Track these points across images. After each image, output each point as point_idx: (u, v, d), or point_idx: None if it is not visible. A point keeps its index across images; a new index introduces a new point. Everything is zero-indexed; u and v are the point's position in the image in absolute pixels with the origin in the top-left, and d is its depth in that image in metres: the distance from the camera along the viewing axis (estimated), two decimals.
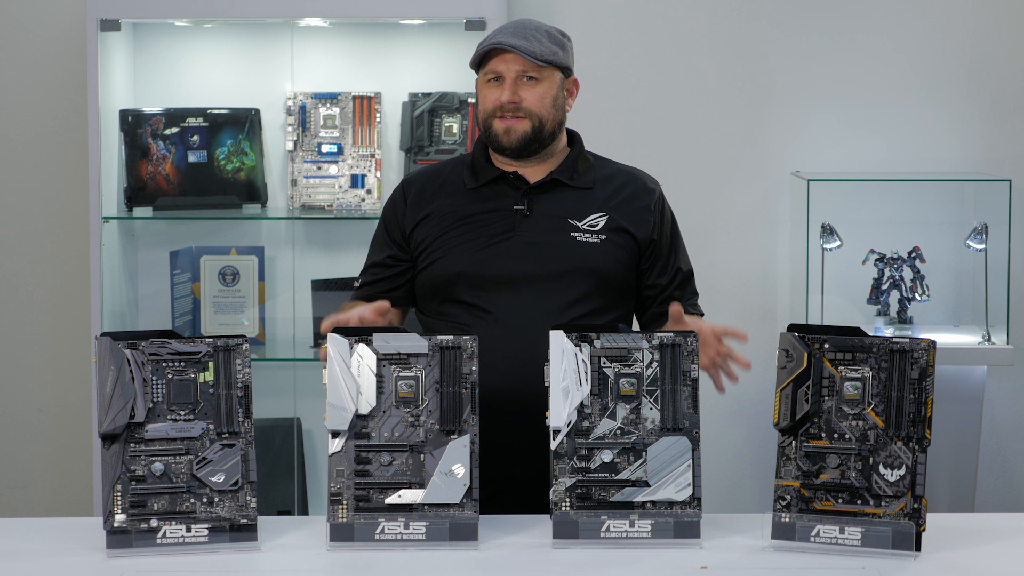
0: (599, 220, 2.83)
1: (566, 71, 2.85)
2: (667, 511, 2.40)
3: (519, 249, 2.79)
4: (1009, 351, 3.98)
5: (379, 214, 3.05)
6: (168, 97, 4.16)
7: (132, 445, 2.38)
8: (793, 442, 2.39)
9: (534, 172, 2.86)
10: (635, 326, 2.93)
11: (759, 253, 4.27)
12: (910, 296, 4.08)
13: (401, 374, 2.43)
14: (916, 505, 2.34)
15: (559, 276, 2.78)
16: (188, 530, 2.38)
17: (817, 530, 2.37)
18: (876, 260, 4.09)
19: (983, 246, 4.02)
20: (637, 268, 2.86)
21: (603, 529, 2.40)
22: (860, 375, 2.38)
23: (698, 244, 4.28)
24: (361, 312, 2.63)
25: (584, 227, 2.82)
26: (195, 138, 4.09)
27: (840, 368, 2.39)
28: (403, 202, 2.89)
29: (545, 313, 2.72)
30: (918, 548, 2.34)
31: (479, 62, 2.84)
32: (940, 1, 4.21)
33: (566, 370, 2.42)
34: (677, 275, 2.89)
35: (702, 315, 2.95)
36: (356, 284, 2.95)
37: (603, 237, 2.81)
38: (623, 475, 2.41)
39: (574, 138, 2.94)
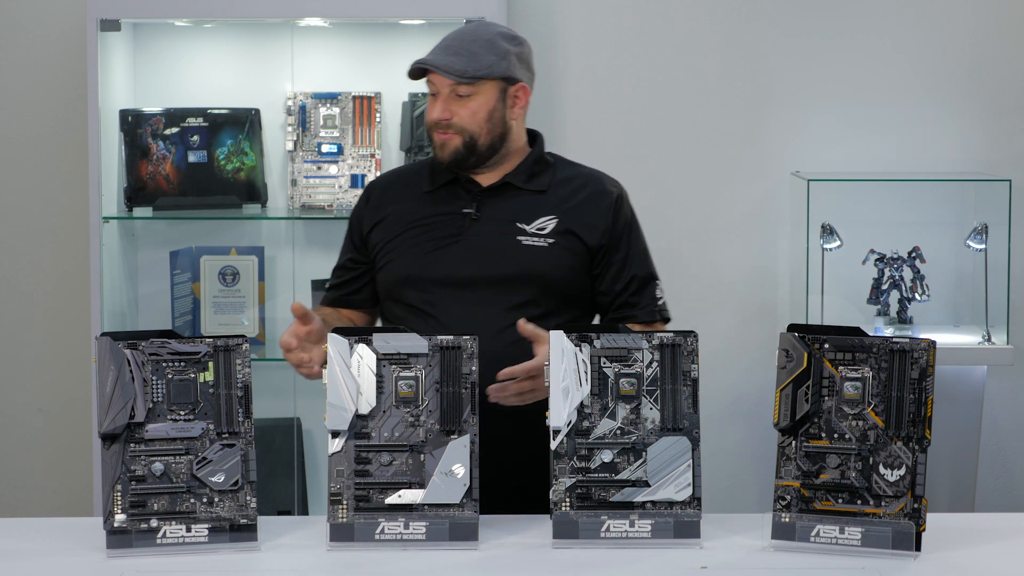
0: (548, 223, 2.82)
1: (509, 80, 2.83)
2: (667, 511, 2.40)
3: (465, 253, 2.80)
4: (1009, 351, 3.98)
5: None
6: (168, 97, 4.16)
7: (132, 445, 2.38)
8: (793, 442, 2.39)
9: (488, 176, 2.86)
10: None
11: (759, 253, 4.27)
12: (910, 296, 4.08)
13: (401, 374, 2.43)
14: (916, 505, 2.34)
15: (504, 280, 2.78)
16: (188, 530, 2.38)
17: (817, 530, 2.37)
18: (876, 260, 4.09)
19: (983, 246, 4.02)
20: (589, 273, 2.85)
21: (603, 529, 2.40)
22: (860, 375, 2.38)
23: (698, 244, 4.29)
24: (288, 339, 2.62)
25: (532, 231, 2.81)
26: (195, 138, 4.09)
27: (840, 368, 2.39)
28: (365, 204, 2.93)
29: (488, 317, 2.72)
30: (918, 548, 2.34)
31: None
32: (940, 1, 4.21)
33: (566, 370, 2.42)
34: (632, 281, 2.87)
35: (667, 320, 2.92)
36: (326, 286, 2.98)
37: (551, 241, 2.81)
38: (623, 475, 2.41)
39: (536, 140, 2.93)
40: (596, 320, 2.93)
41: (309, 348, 2.61)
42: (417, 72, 2.82)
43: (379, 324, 2.97)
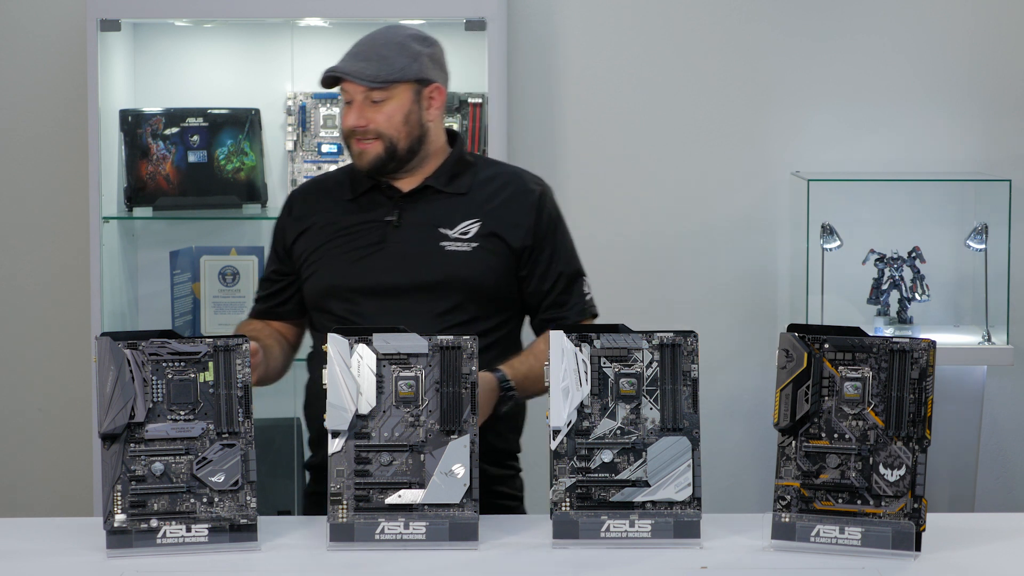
0: (471, 227, 2.81)
1: (423, 82, 2.82)
2: (667, 511, 2.40)
3: (389, 261, 2.79)
4: (1009, 351, 3.97)
5: None
6: (168, 97, 4.16)
7: (132, 445, 2.38)
8: (793, 442, 2.39)
9: (408, 181, 2.85)
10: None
11: (759, 253, 4.27)
12: (910, 296, 4.08)
13: (401, 374, 2.43)
14: (916, 505, 2.34)
15: (429, 287, 2.77)
16: (188, 530, 2.38)
17: (817, 530, 2.37)
18: (876, 260, 4.09)
19: (983, 246, 4.02)
20: (515, 275, 2.84)
21: (603, 529, 2.40)
22: (860, 375, 2.38)
23: (698, 244, 4.29)
24: None
25: (455, 235, 2.80)
26: (195, 138, 4.09)
27: (840, 368, 2.39)
28: (287, 216, 2.92)
29: (415, 325, 2.68)
30: (918, 548, 2.34)
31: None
32: (940, 1, 4.21)
33: (566, 370, 2.42)
34: (559, 279, 2.85)
35: (595, 316, 2.91)
36: (254, 299, 2.99)
37: (475, 245, 2.79)
38: (623, 475, 2.41)
39: (456, 140, 2.92)
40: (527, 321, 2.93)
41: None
42: (329, 81, 2.82)
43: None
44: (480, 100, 4.05)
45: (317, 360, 2.78)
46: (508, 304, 2.84)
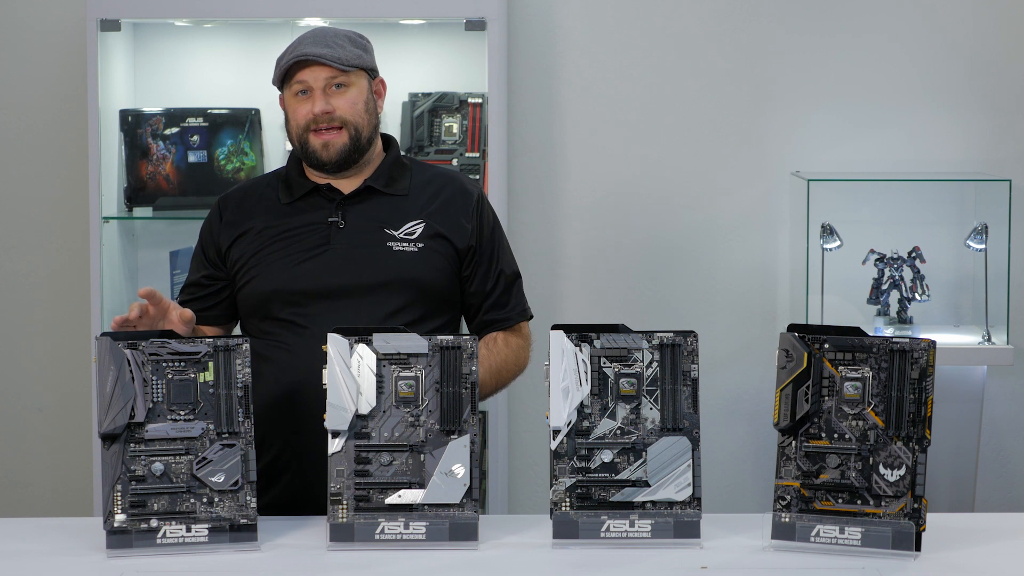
0: (416, 228, 2.80)
1: (372, 73, 2.84)
2: (667, 511, 2.40)
3: (334, 262, 2.77)
4: (1009, 351, 3.97)
5: None
6: (168, 97, 4.16)
7: (132, 445, 2.38)
8: (793, 442, 2.39)
9: (348, 182, 2.83)
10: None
11: (759, 253, 4.27)
12: (910, 296, 4.08)
13: (401, 374, 2.43)
14: (916, 505, 2.34)
15: (377, 287, 2.75)
16: (188, 530, 2.38)
17: (817, 530, 2.37)
18: (876, 260, 4.09)
19: (983, 246, 4.02)
20: (459, 275, 2.83)
21: (603, 529, 2.40)
22: (860, 375, 2.38)
23: (698, 244, 4.29)
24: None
25: (401, 236, 2.79)
26: (195, 138, 4.09)
27: (840, 368, 2.39)
28: (218, 221, 2.88)
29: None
30: (918, 548, 2.34)
31: (283, 77, 2.82)
32: (941, 1, 4.21)
33: (566, 370, 2.42)
34: (500, 279, 2.86)
35: (531, 318, 2.92)
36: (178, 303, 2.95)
37: (421, 245, 2.78)
38: (623, 475, 2.41)
39: (390, 143, 2.92)
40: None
41: (147, 316, 2.57)
42: (290, 70, 2.79)
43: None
44: (480, 100, 4.05)
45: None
46: (453, 303, 2.84)
